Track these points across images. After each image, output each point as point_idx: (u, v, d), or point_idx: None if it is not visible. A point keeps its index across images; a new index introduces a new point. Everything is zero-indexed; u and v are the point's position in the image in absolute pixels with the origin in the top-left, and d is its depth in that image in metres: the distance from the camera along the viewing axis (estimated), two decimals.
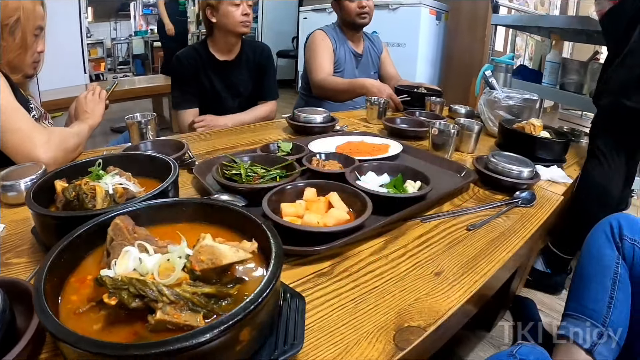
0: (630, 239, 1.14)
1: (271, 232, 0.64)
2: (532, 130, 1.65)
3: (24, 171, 1.16)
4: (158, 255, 0.59)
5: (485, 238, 1.03)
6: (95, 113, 1.65)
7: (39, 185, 0.90)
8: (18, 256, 0.88)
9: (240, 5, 2.13)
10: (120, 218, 0.65)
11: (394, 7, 5.03)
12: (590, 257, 1.20)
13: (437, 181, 1.18)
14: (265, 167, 1.20)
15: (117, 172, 0.96)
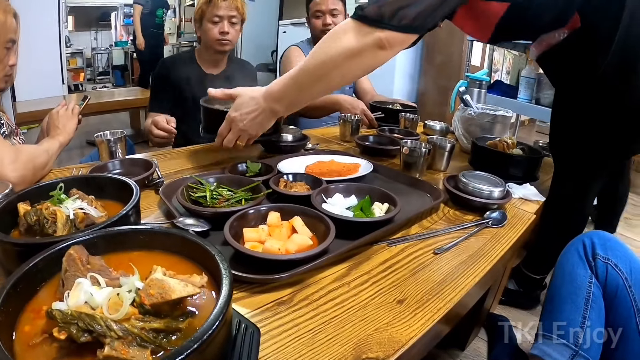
0: (603, 257, 1.15)
1: (223, 265, 0.62)
2: (505, 147, 1.65)
3: None
4: (109, 289, 0.59)
5: (452, 262, 1.01)
6: (66, 129, 1.62)
7: (2, 207, 0.89)
8: None
9: (219, 23, 2.13)
10: (74, 248, 0.64)
11: None
12: (564, 276, 1.20)
13: (406, 202, 1.17)
14: (231, 189, 1.19)
15: (79, 196, 0.95)
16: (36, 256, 0.65)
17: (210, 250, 0.66)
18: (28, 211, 0.88)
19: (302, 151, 1.79)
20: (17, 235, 0.89)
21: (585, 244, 1.19)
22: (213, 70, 2.30)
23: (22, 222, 0.88)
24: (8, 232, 0.88)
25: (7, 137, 1.52)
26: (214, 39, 2.15)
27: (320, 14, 2.64)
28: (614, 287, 1.12)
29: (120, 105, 4.99)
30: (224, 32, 2.14)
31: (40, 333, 0.56)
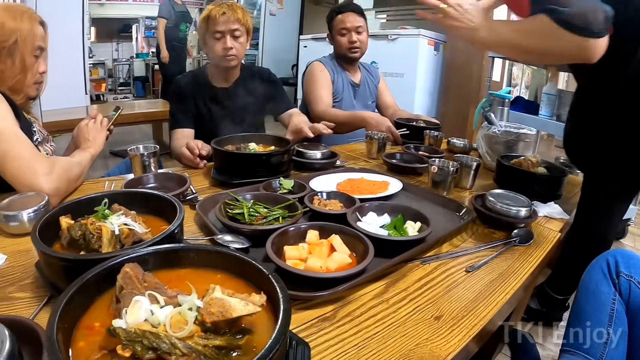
0: (626, 275, 1.17)
1: (279, 284, 0.65)
2: (529, 166, 1.67)
3: (26, 201, 1.16)
4: (169, 307, 0.60)
5: (484, 280, 1.05)
6: (96, 141, 1.65)
7: (45, 220, 0.91)
8: (21, 290, 0.89)
9: (222, 38, 2.11)
10: (130, 266, 0.66)
11: (393, 38, 5.10)
12: (587, 294, 1.21)
13: (437, 221, 1.20)
14: (267, 206, 1.22)
15: (123, 212, 0.97)
16: (89, 272, 0.67)
17: (264, 270, 0.69)
18: (72, 225, 0.90)
19: (331, 169, 1.84)
20: (59, 248, 0.92)
21: (609, 262, 1.21)
22: (223, 84, 2.28)
23: (64, 235, 0.91)
24: (50, 245, 0.89)
25: (40, 144, 1.55)
26: (218, 55, 2.12)
27: (345, 32, 2.69)
28: (637, 304, 1.14)
29: (144, 117, 5.03)
30: (226, 48, 2.10)
31: (98, 349, 0.58)
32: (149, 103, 6.17)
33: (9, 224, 1.11)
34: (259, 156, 1.59)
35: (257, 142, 1.77)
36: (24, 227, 1.11)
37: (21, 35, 1.43)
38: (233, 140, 1.76)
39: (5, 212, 1.11)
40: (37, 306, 0.83)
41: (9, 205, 1.13)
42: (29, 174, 1.27)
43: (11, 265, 0.98)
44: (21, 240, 1.10)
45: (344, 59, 2.80)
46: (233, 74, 2.28)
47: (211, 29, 2.11)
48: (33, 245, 0.82)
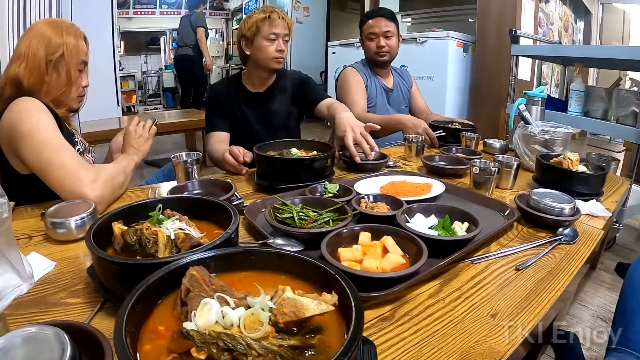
0: None
1: (347, 284, 0.66)
2: (570, 164, 1.68)
3: (73, 208, 1.19)
4: (241, 308, 0.61)
5: (534, 278, 1.06)
6: (142, 149, 1.68)
7: (98, 226, 0.92)
8: (74, 296, 0.91)
9: (276, 41, 2.16)
10: (196, 269, 0.67)
11: (422, 41, 5.11)
12: (633, 289, 1.21)
13: (482, 221, 1.21)
14: (316, 209, 1.25)
15: (177, 217, 0.98)
16: (153, 276, 0.68)
17: (330, 270, 0.70)
18: (126, 231, 0.92)
19: (383, 169, 1.90)
20: (112, 253, 0.92)
21: None
22: (259, 88, 2.32)
23: (117, 240, 0.92)
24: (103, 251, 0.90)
25: (82, 154, 1.59)
26: (270, 57, 2.16)
27: (374, 36, 2.72)
28: None
29: (177, 126, 5.13)
30: (281, 50, 2.16)
31: (167, 352, 0.59)
32: (181, 113, 6.25)
33: (56, 230, 1.14)
34: (302, 161, 1.61)
35: (299, 148, 1.80)
36: (71, 234, 1.15)
37: (67, 49, 1.49)
38: (274, 146, 1.79)
39: (53, 219, 1.14)
40: (90, 311, 0.85)
41: (56, 213, 1.17)
42: (74, 181, 1.31)
43: (61, 272, 1.01)
44: (69, 246, 1.14)
45: (374, 64, 2.84)
46: (270, 79, 2.32)
47: (268, 30, 2.14)
48: (88, 250, 0.83)
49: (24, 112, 1.38)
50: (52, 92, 1.51)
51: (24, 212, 1.37)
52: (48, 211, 1.17)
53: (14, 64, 1.47)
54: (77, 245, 1.14)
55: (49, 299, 0.90)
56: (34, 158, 1.34)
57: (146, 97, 11.56)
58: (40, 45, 1.46)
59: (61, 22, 1.56)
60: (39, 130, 1.35)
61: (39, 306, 0.87)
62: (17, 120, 1.37)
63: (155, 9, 11.16)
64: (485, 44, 5.07)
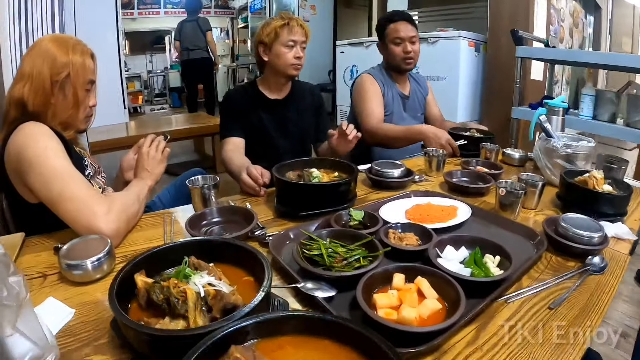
0: None
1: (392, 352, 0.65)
2: (595, 183, 1.66)
3: (88, 246, 1.15)
4: None
5: (567, 317, 1.05)
6: (155, 172, 1.63)
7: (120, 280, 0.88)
8: (99, 352, 0.87)
9: (294, 47, 2.18)
10: (239, 350, 0.64)
11: (433, 41, 5.08)
12: None
13: (513, 252, 1.20)
14: (344, 243, 1.23)
15: (205, 270, 0.94)
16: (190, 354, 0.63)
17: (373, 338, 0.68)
18: (151, 286, 0.87)
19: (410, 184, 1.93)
20: (137, 307, 0.89)
21: None
22: (277, 95, 2.34)
23: (141, 294, 0.88)
24: (127, 305, 0.89)
25: (92, 178, 1.57)
26: (288, 63, 2.19)
27: (400, 41, 2.69)
28: None
29: (187, 132, 5.06)
30: (299, 57, 2.19)
31: None
32: (189, 118, 6.11)
33: (72, 272, 1.10)
34: (326, 187, 1.58)
35: (319, 167, 1.77)
36: (88, 276, 1.11)
37: (73, 69, 1.45)
38: (293, 166, 1.76)
39: (68, 260, 1.10)
40: None
41: (70, 253, 1.12)
42: (87, 215, 1.26)
43: (82, 321, 0.97)
44: (87, 289, 1.10)
45: (397, 70, 2.80)
46: (287, 86, 2.35)
47: (285, 38, 2.18)
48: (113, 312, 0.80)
49: (30, 138, 1.34)
50: (59, 114, 1.48)
51: (35, 244, 1.34)
52: (62, 251, 1.14)
53: (18, 84, 1.43)
54: (95, 287, 1.11)
55: (73, 357, 0.86)
56: (43, 189, 1.30)
57: (152, 97, 11.66)
58: (45, 64, 1.42)
59: (67, 39, 1.52)
60: (47, 158, 1.31)
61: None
62: (24, 148, 1.33)
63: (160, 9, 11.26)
64: (497, 43, 5.03)
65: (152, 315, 0.87)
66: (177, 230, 1.45)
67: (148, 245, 1.33)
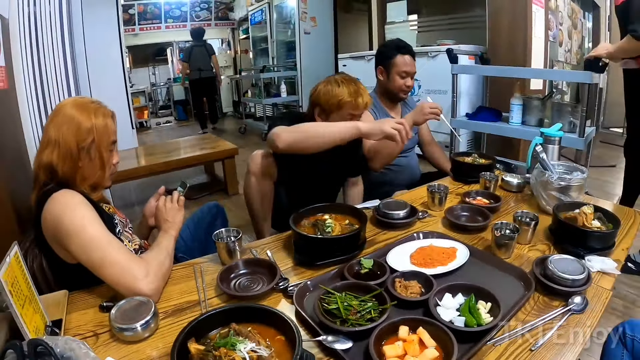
0: (630, 335, 1.44)
1: None
2: (584, 219, 1.81)
3: (134, 309, 1.28)
4: None
5: (547, 357, 1.22)
6: (176, 220, 1.72)
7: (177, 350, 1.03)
8: None
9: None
10: None
11: (433, 55, 5.22)
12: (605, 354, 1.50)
13: (504, 295, 1.38)
14: (357, 295, 1.41)
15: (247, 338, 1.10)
16: None
17: None
18: (203, 354, 1.03)
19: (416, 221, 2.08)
20: None
21: (619, 329, 1.48)
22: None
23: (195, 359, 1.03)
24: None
25: (121, 233, 1.67)
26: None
27: (405, 75, 2.87)
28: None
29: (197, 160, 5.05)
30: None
31: None
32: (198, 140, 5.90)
33: (124, 333, 1.23)
34: (338, 240, 1.74)
35: (331, 214, 1.94)
36: (139, 336, 1.24)
37: (97, 134, 1.53)
38: (308, 213, 1.92)
39: (119, 324, 1.22)
40: None
41: (119, 315, 1.25)
42: (129, 279, 1.36)
43: None
44: (138, 347, 1.23)
45: (393, 98, 2.99)
46: None
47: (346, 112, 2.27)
48: None
49: (66, 207, 1.42)
50: (88, 178, 1.57)
51: (78, 301, 1.45)
52: (112, 314, 1.26)
53: (46, 150, 1.50)
54: (145, 344, 1.24)
55: None
56: (84, 256, 1.39)
57: (157, 109, 11.82)
58: (70, 131, 1.49)
59: (88, 103, 1.58)
60: (85, 228, 1.39)
61: None
62: (61, 217, 1.40)
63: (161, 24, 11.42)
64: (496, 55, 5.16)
65: None
66: (209, 282, 1.58)
67: (184, 299, 1.48)
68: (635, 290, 2.71)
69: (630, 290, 2.72)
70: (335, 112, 2.27)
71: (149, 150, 5.64)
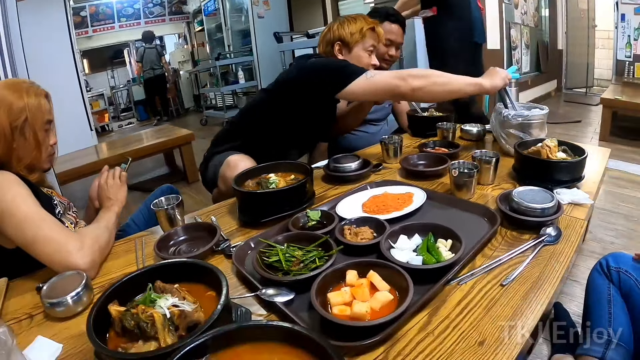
0: (615, 268, 1.45)
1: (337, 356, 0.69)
2: (548, 153, 1.68)
3: (66, 283, 1.18)
4: None
5: (519, 292, 1.08)
6: (118, 198, 1.67)
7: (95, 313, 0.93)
8: None
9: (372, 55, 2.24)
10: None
11: None
12: (591, 291, 1.51)
13: (466, 232, 1.23)
14: (301, 246, 1.25)
15: (169, 293, 0.98)
16: None
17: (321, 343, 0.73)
18: (123, 315, 0.92)
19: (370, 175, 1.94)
20: (114, 336, 0.94)
21: (602, 263, 1.50)
22: None
23: (116, 323, 0.93)
24: (105, 334, 0.93)
25: (63, 215, 1.57)
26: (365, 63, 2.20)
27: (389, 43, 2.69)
28: (628, 287, 1.42)
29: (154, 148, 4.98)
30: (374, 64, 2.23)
31: None
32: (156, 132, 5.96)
33: (55, 309, 1.14)
34: (281, 192, 1.58)
35: (276, 171, 1.79)
36: (71, 310, 1.15)
37: (30, 112, 1.45)
38: (252, 174, 1.78)
39: (49, 299, 1.14)
40: None
41: (51, 291, 1.16)
42: (63, 254, 1.29)
43: (69, 354, 1.01)
44: (71, 323, 1.13)
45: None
46: None
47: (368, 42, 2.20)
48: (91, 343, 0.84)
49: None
50: (23, 158, 1.48)
51: (18, 286, 1.35)
52: (43, 291, 1.17)
53: None
54: (78, 320, 1.14)
55: None
56: (18, 236, 1.32)
57: (118, 113, 11.59)
58: (2, 112, 1.42)
59: (20, 83, 1.52)
60: (18, 206, 1.33)
61: None
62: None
63: (114, 24, 11.12)
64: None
65: (128, 341, 0.91)
66: (149, 254, 1.47)
67: (123, 272, 1.36)
68: (611, 232, 2.62)
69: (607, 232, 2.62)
70: (358, 44, 2.19)
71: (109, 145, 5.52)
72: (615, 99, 4.74)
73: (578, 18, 7.51)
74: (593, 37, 7.43)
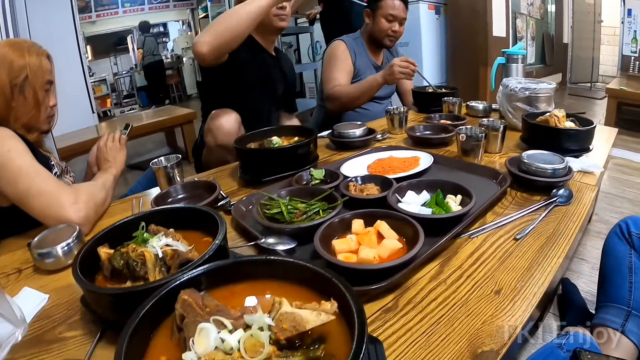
0: (636, 233, 1.30)
1: (345, 287, 0.63)
2: (557, 122, 1.65)
3: (58, 235, 1.14)
4: (240, 330, 0.58)
5: (534, 246, 1.04)
6: (117, 161, 1.65)
7: (83, 255, 0.87)
8: (71, 329, 0.87)
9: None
10: (186, 292, 0.63)
11: None
12: (608, 256, 1.35)
13: (475, 190, 1.18)
14: (304, 200, 1.21)
15: (163, 232, 0.93)
16: (143, 305, 0.63)
17: (326, 274, 0.66)
18: (113, 255, 0.87)
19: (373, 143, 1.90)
20: (102, 280, 0.88)
21: (622, 227, 1.33)
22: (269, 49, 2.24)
23: (105, 266, 0.87)
24: (92, 278, 0.88)
25: (59, 177, 1.54)
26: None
27: (392, 19, 2.63)
28: None
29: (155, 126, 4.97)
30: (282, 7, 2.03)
31: None
32: (157, 112, 5.99)
33: (44, 261, 1.10)
34: (285, 150, 1.55)
35: (279, 135, 1.74)
36: (60, 262, 1.10)
37: (31, 71, 1.44)
38: (254, 137, 1.73)
39: (39, 250, 1.10)
40: (89, 343, 0.81)
41: (41, 242, 1.12)
42: (56, 207, 1.26)
43: (55, 304, 0.96)
44: (60, 275, 1.09)
45: (376, 43, 2.75)
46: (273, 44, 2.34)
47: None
48: (76, 282, 0.80)
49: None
50: (21, 117, 1.46)
51: (10, 244, 1.32)
52: (33, 242, 1.13)
53: None
54: (67, 272, 1.09)
55: (48, 336, 0.86)
56: (10, 189, 1.29)
57: (121, 99, 11.48)
58: (3, 69, 1.40)
59: (21, 42, 1.50)
60: (12, 159, 1.30)
61: (39, 345, 0.83)
62: None
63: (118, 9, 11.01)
64: (457, 4, 5.02)
65: (116, 284, 0.86)
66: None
67: None
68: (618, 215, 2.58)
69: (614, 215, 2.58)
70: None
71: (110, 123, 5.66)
72: (621, 89, 4.71)
73: (584, 12, 7.45)
74: (599, 32, 7.37)
